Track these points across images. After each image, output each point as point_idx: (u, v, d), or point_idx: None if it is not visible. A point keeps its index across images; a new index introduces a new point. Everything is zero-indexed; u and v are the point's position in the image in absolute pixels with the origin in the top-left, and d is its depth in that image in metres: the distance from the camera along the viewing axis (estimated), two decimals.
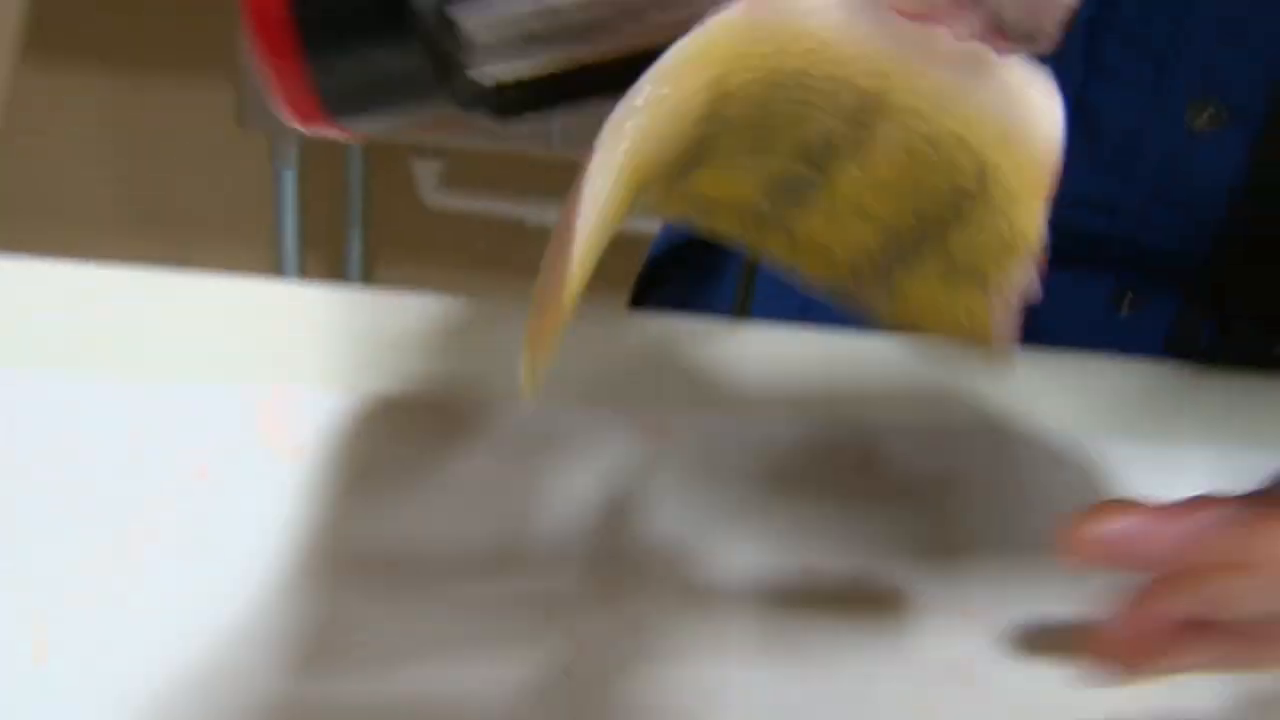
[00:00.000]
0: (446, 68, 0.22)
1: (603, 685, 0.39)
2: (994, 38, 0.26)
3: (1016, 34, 0.26)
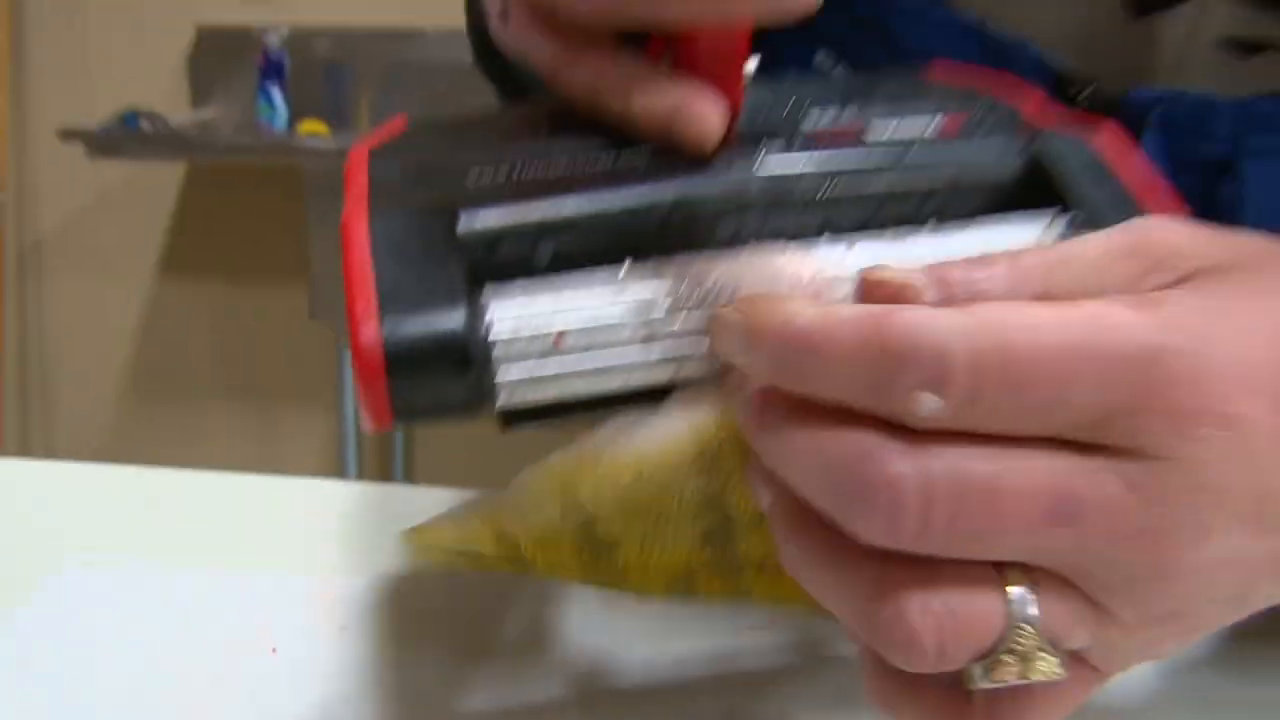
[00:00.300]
0: (483, 400, 0.28)
1: None
2: None
3: None
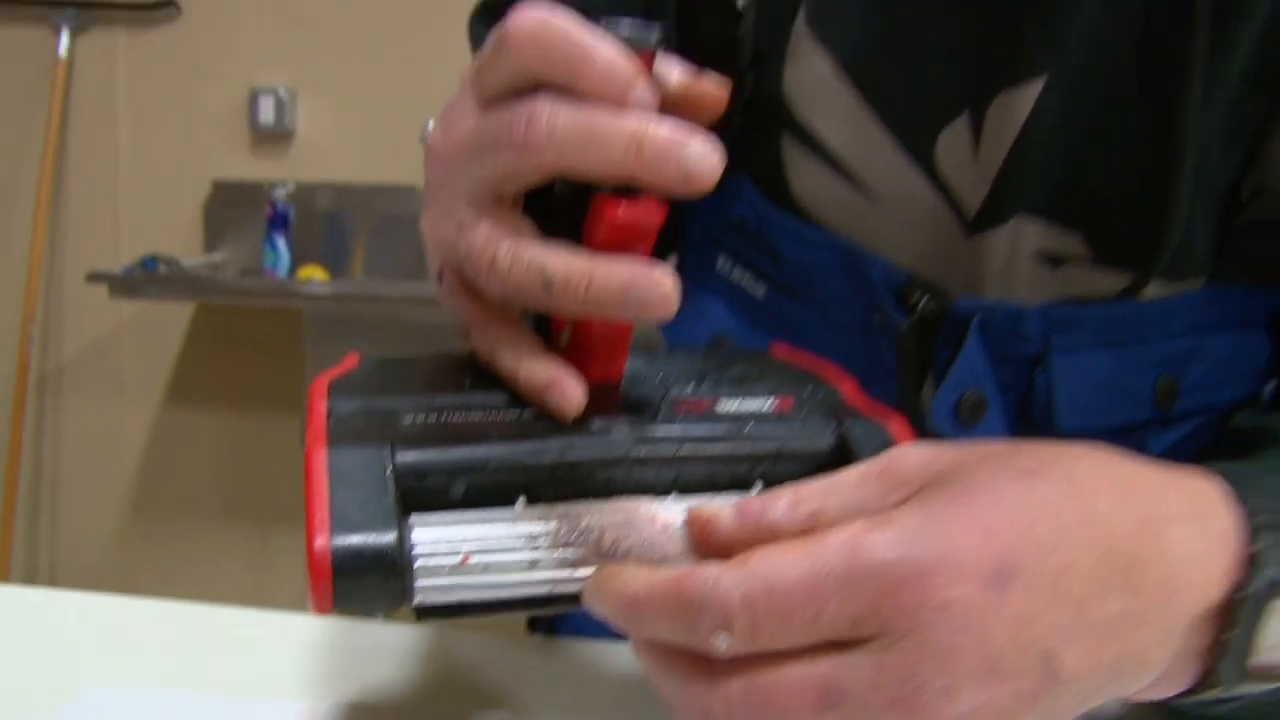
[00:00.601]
0: (404, 599, 0.33)
1: None
2: None
3: None
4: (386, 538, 0.32)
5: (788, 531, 0.31)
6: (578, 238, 0.36)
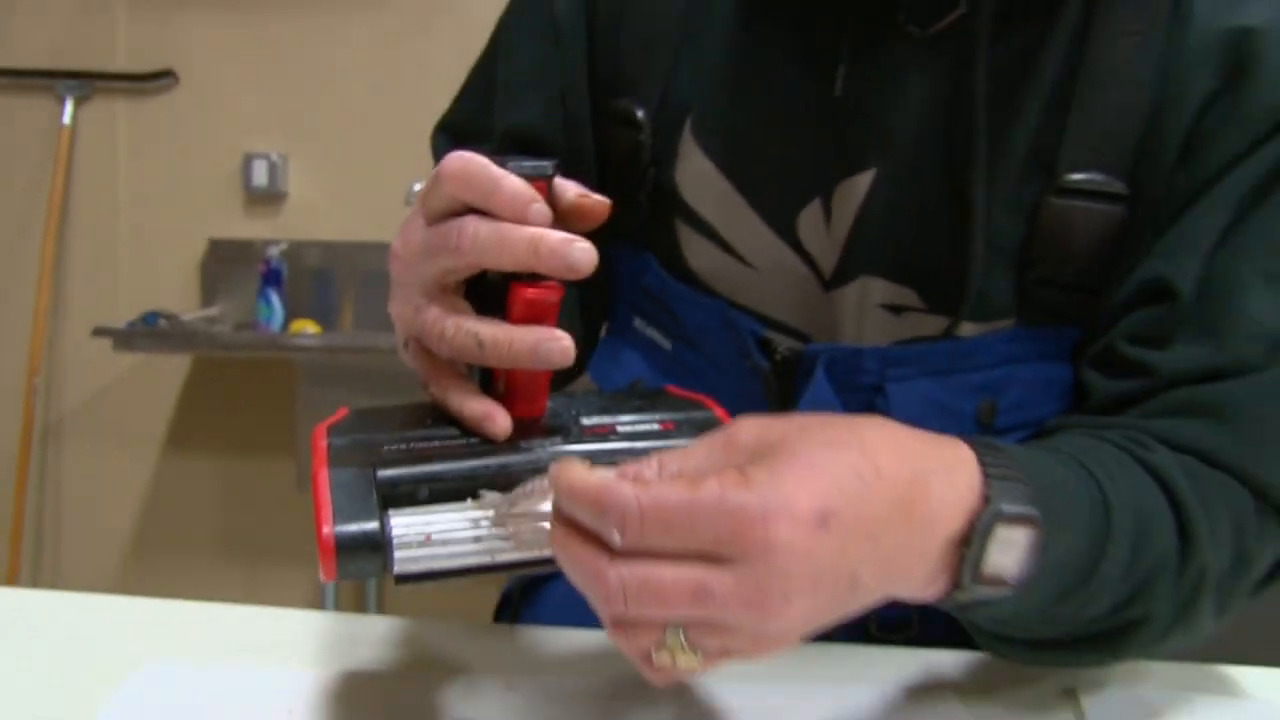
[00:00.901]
0: (385, 569, 0.43)
1: None
2: None
3: None
4: (371, 525, 0.44)
5: None
6: (504, 313, 0.49)
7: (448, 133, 0.76)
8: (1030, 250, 0.60)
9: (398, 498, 0.46)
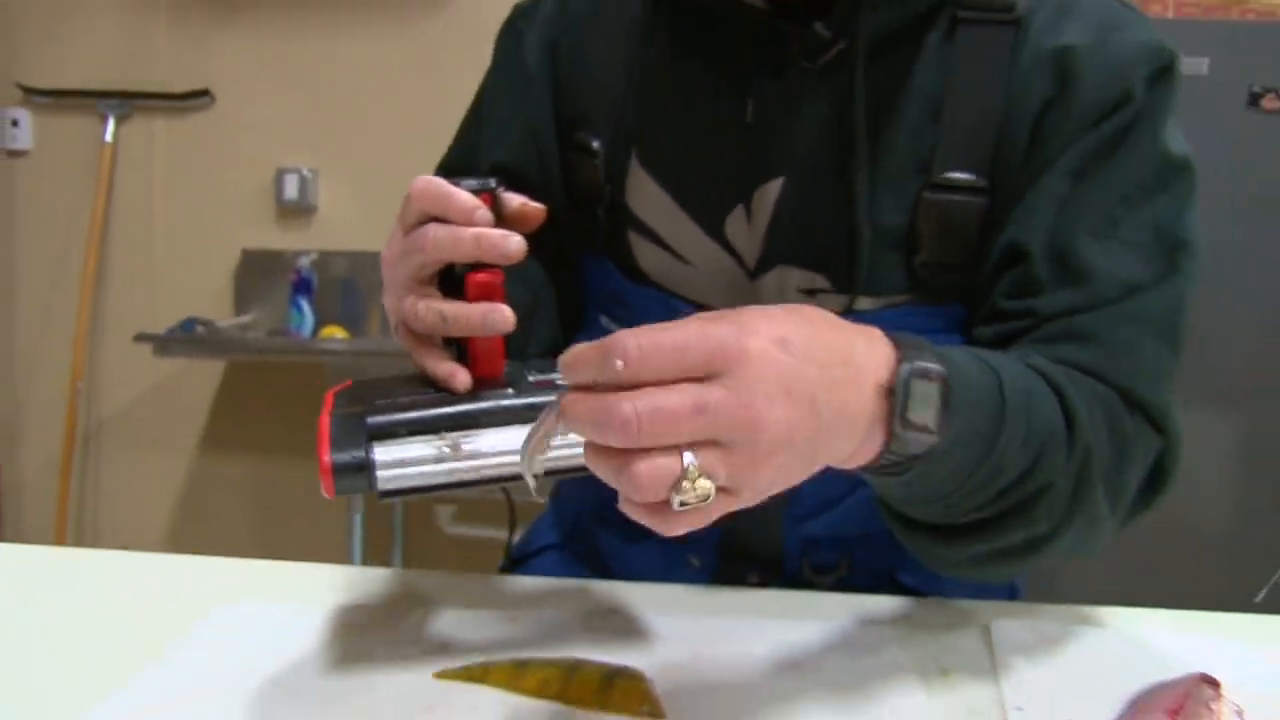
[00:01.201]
0: (372, 487, 0.56)
1: None
2: None
3: None
4: (359, 453, 0.57)
5: None
6: (463, 296, 0.61)
7: (444, 172, 0.89)
8: (915, 237, 0.73)
9: (382, 435, 0.58)
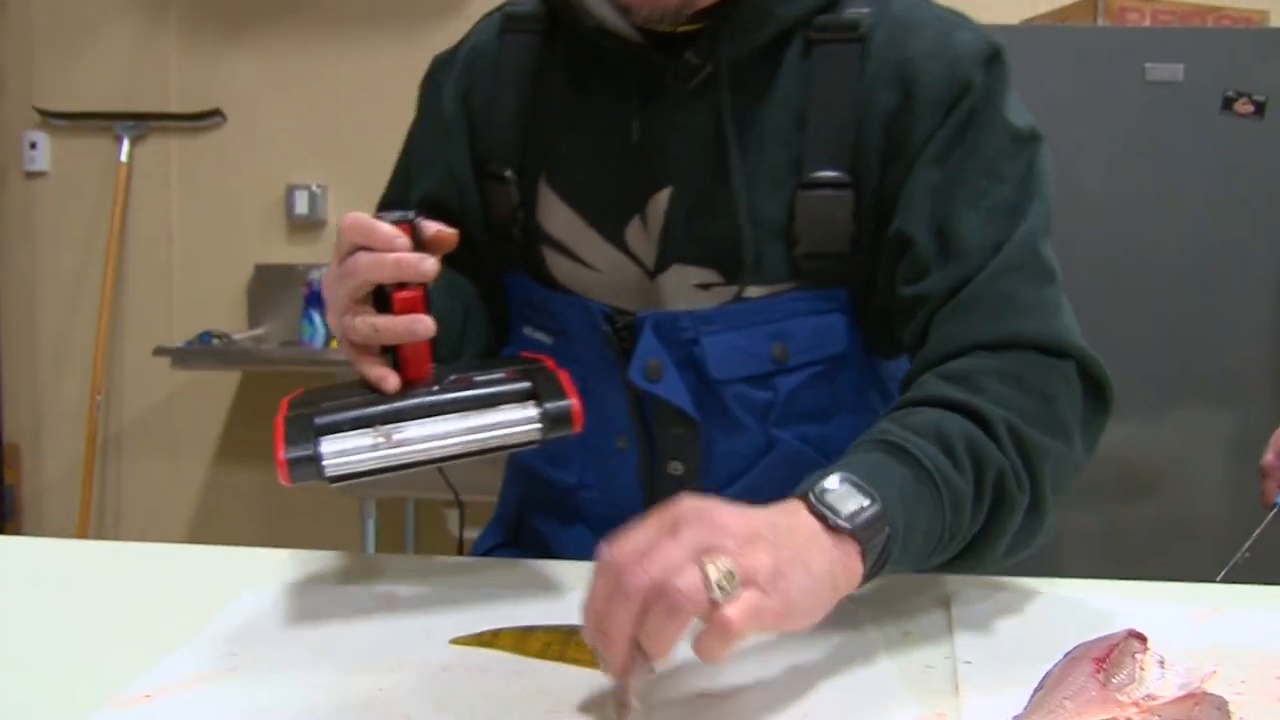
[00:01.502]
0: (321, 476, 0.67)
1: None
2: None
3: None
4: (308, 448, 0.68)
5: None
6: (391, 310, 0.72)
7: (384, 205, 0.99)
8: (794, 231, 0.83)
9: (327, 431, 0.69)
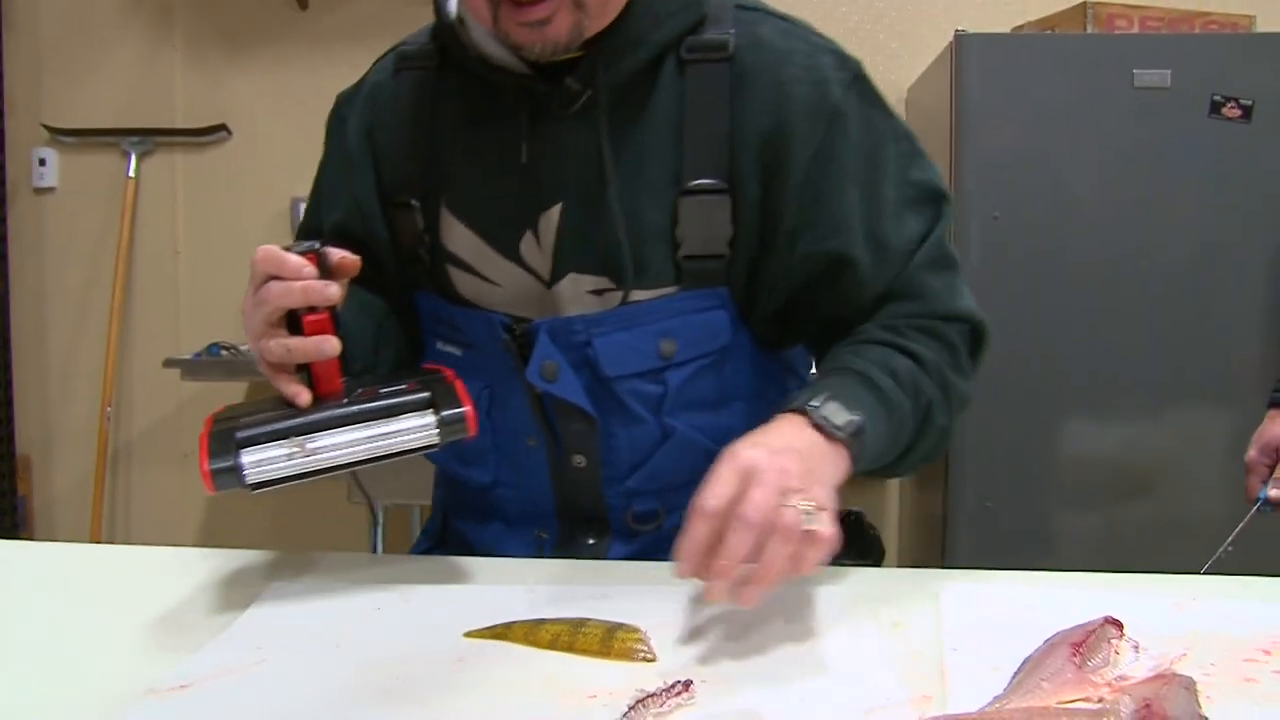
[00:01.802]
0: (243, 484, 0.76)
1: None
2: None
3: None
4: (230, 460, 0.76)
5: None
6: (302, 333, 0.79)
7: (303, 232, 1.10)
8: (676, 234, 0.90)
9: (247, 443, 0.77)
